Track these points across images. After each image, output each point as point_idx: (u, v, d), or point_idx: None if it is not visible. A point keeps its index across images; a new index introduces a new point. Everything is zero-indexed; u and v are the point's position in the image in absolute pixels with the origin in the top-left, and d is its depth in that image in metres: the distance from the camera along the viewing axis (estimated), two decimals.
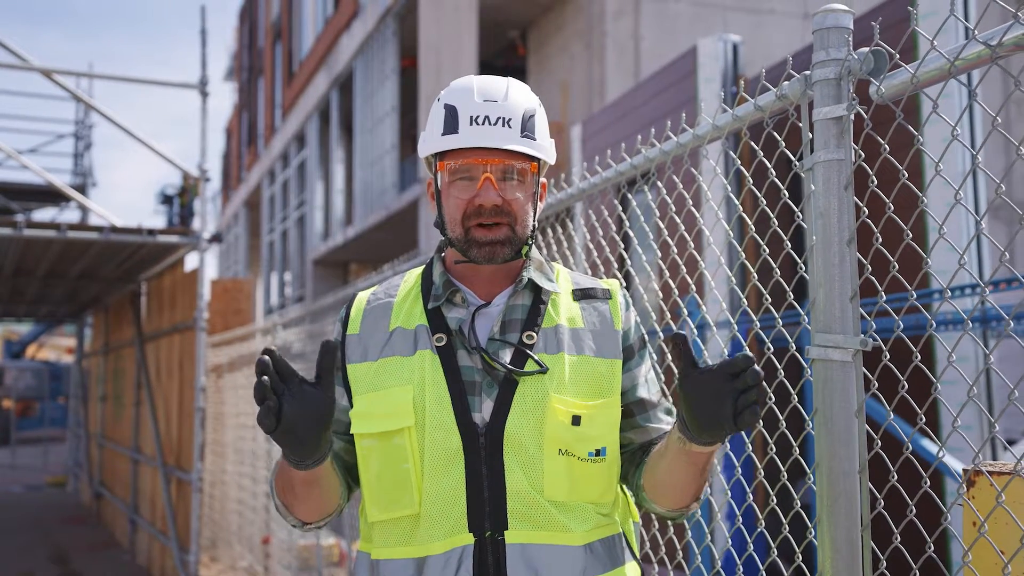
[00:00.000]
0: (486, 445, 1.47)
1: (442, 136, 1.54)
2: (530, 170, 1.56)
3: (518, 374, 1.49)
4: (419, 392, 1.50)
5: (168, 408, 8.11)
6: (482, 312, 1.58)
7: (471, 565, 1.44)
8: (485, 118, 1.52)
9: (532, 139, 1.55)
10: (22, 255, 7.80)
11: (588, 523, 1.50)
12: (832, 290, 1.55)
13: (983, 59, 1.32)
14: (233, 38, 34.32)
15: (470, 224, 1.53)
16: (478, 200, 1.51)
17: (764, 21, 13.37)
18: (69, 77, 8.40)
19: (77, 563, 8.86)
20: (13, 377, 23.37)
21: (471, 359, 1.52)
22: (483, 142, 1.51)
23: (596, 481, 1.51)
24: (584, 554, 1.48)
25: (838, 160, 1.55)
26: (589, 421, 1.49)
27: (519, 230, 1.55)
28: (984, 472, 1.42)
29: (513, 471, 1.46)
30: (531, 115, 1.56)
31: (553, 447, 1.47)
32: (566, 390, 1.50)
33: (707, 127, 2.03)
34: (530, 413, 1.48)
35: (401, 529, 1.50)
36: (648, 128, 2.41)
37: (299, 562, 6.45)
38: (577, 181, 2.70)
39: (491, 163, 1.52)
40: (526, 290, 1.59)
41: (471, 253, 1.55)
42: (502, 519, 1.45)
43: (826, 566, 1.53)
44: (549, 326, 1.56)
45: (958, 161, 4.76)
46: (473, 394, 1.50)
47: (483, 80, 1.57)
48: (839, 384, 1.54)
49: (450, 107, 1.55)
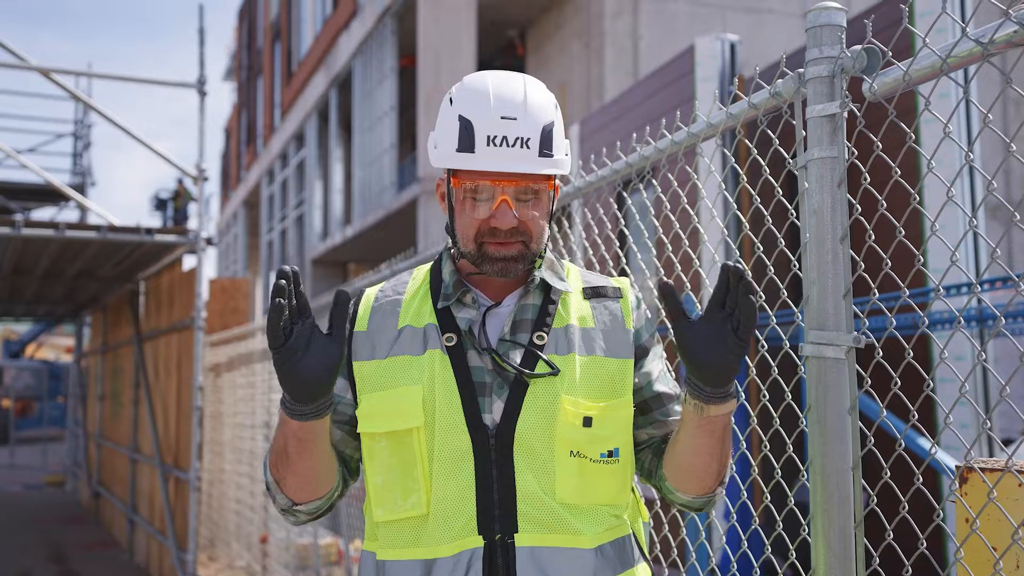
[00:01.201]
0: (496, 447, 1.45)
1: (457, 152, 1.49)
2: (547, 188, 1.53)
3: (529, 376, 1.47)
4: (429, 392, 1.48)
5: (166, 407, 8.11)
6: (492, 312, 1.56)
7: (480, 568, 1.42)
8: (503, 139, 1.45)
9: (550, 155, 1.50)
10: (21, 254, 7.80)
11: (600, 526, 1.48)
12: (826, 287, 1.56)
13: (974, 56, 1.33)
14: (232, 38, 34.32)
15: (483, 240, 1.50)
16: (494, 222, 1.48)
17: (763, 20, 13.38)
18: (68, 76, 8.40)
19: (75, 562, 8.86)
20: (12, 376, 23.37)
21: (481, 360, 1.50)
22: (500, 167, 1.46)
23: (609, 483, 1.49)
24: (595, 557, 1.46)
25: (831, 158, 1.56)
26: (601, 422, 1.48)
27: (534, 246, 1.53)
28: (976, 469, 1.42)
29: (524, 474, 1.45)
30: (550, 129, 1.50)
31: (564, 449, 1.46)
32: (577, 391, 1.48)
33: (702, 125, 2.03)
34: (541, 415, 1.46)
35: (408, 530, 1.48)
36: (646, 127, 2.42)
37: (297, 561, 6.44)
38: (574, 180, 2.71)
39: (507, 184, 1.47)
40: (537, 290, 1.57)
41: (484, 268, 1.52)
42: (512, 522, 1.44)
43: (820, 563, 1.54)
44: (560, 326, 1.54)
45: (956, 160, 4.76)
46: (483, 395, 1.48)
47: (500, 87, 1.50)
48: (833, 381, 1.54)
49: (465, 121, 1.48)
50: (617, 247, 2.51)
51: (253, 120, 28.61)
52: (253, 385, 7.50)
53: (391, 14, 14.91)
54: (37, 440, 21.38)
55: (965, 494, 1.45)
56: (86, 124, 13.51)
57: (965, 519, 1.43)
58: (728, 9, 13.47)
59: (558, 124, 1.53)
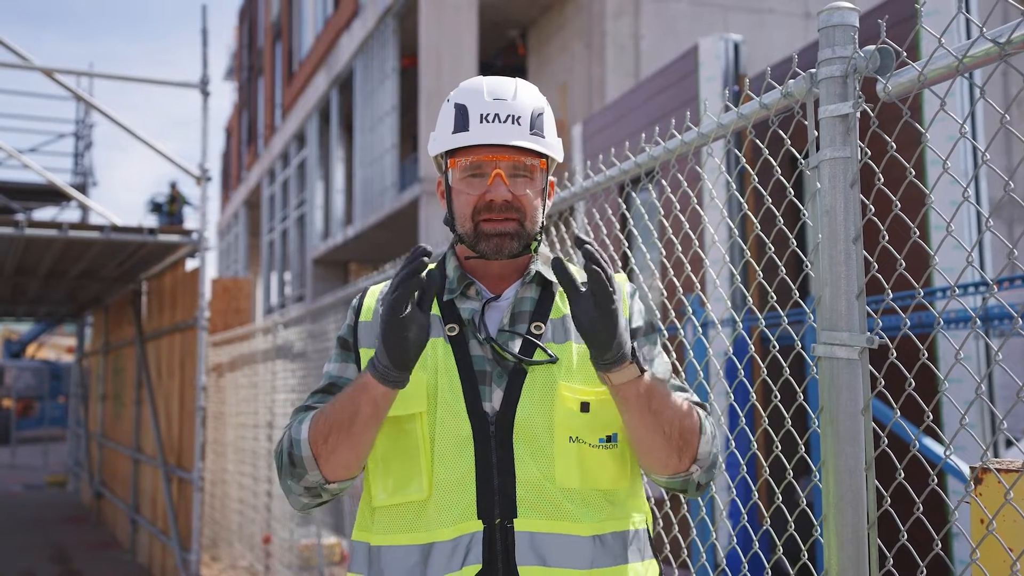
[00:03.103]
0: (496, 433, 1.48)
1: (453, 134, 1.57)
2: (539, 167, 1.59)
3: (527, 363, 1.51)
4: (432, 379, 1.52)
5: (169, 407, 8.11)
6: (492, 305, 1.60)
7: (480, 552, 1.44)
8: (495, 116, 1.55)
9: (541, 136, 1.58)
10: (23, 254, 7.79)
11: (599, 514, 1.50)
12: (838, 288, 1.55)
13: (991, 57, 1.32)
14: (233, 37, 34.32)
15: (480, 219, 1.56)
16: (489, 195, 1.54)
17: (764, 20, 13.37)
18: (70, 76, 8.40)
19: (78, 562, 8.86)
20: (13, 376, 23.37)
21: (482, 349, 1.54)
22: (493, 139, 1.54)
23: (607, 467, 1.52)
24: (592, 545, 1.47)
25: (844, 158, 1.55)
26: (598, 407, 1.51)
27: (528, 225, 1.58)
28: (992, 469, 1.42)
29: (524, 459, 1.48)
30: (540, 113, 1.59)
31: (563, 434, 1.49)
32: (574, 377, 1.52)
33: (712, 125, 2.03)
34: (539, 401, 1.50)
35: (406, 515, 1.51)
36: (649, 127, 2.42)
37: (300, 561, 6.44)
38: (580, 180, 2.70)
39: (501, 159, 1.54)
40: (534, 283, 1.62)
41: (480, 247, 1.57)
42: (511, 507, 1.46)
43: (832, 564, 1.53)
44: (557, 317, 1.58)
45: (961, 160, 4.76)
46: (484, 383, 1.52)
47: (492, 80, 1.61)
48: (845, 382, 1.54)
49: (460, 106, 1.58)
50: (625, 247, 2.50)
51: (254, 120, 28.60)
52: (256, 385, 7.50)
53: (392, 14, 14.91)
54: (38, 440, 21.38)
55: (980, 495, 1.45)
56: (88, 124, 13.51)
57: (980, 520, 1.42)
58: (730, 9, 13.47)
59: (548, 117, 1.62)
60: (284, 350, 6.64)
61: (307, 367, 5.94)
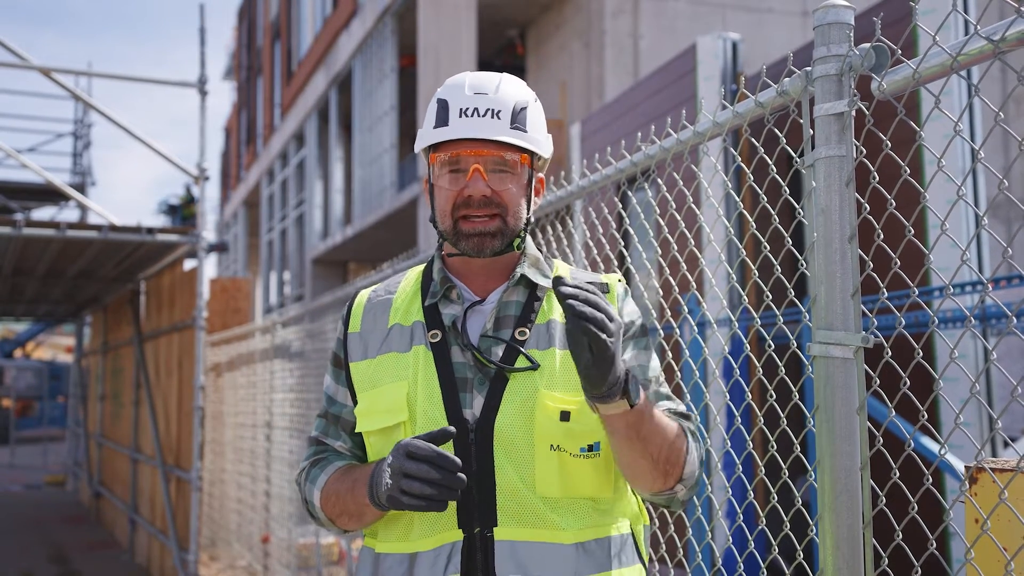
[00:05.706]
0: (476, 441, 1.46)
1: (433, 129, 1.56)
2: (520, 161, 1.56)
3: (508, 370, 1.49)
4: (412, 388, 1.51)
5: (167, 407, 8.10)
6: (476, 309, 1.58)
7: (459, 561, 1.43)
8: (474, 110, 1.53)
9: (523, 131, 1.56)
10: (21, 254, 7.78)
11: (582, 521, 1.48)
12: (833, 287, 1.55)
13: (985, 54, 1.32)
14: (232, 37, 34.30)
15: (458, 215, 1.54)
16: (467, 191, 1.52)
17: (763, 19, 13.37)
18: (68, 76, 8.38)
19: (76, 562, 8.85)
20: (12, 376, 23.36)
21: (464, 356, 1.52)
22: (471, 133, 1.52)
23: (589, 477, 1.49)
24: (575, 553, 1.45)
25: (839, 156, 1.55)
26: (579, 416, 1.47)
27: (511, 221, 1.55)
28: (987, 469, 1.42)
29: (504, 468, 1.46)
30: (523, 107, 1.57)
31: (544, 443, 1.46)
32: (556, 385, 1.49)
33: (708, 124, 2.02)
34: (520, 409, 1.47)
35: (399, 524, 1.52)
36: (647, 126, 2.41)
37: (298, 561, 6.44)
38: (577, 179, 2.70)
39: (480, 154, 1.53)
40: (520, 286, 1.59)
41: (460, 245, 1.56)
42: (492, 516, 1.45)
43: (828, 563, 1.53)
44: (541, 322, 1.56)
45: (957, 158, 4.75)
46: (465, 391, 1.50)
47: (476, 75, 1.60)
48: (841, 381, 1.53)
49: (442, 101, 1.57)
50: (621, 246, 2.50)
51: (253, 120, 28.59)
52: (254, 385, 7.50)
53: (391, 13, 14.90)
54: (37, 440, 21.39)
55: (975, 494, 1.45)
56: (86, 124, 13.50)
57: (975, 519, 1.42)
58: (728, 8, 13.46)
59: (534, 111, 1.59)
60: (282, 350, 6.64)
61: (305, 366, 5.93)
